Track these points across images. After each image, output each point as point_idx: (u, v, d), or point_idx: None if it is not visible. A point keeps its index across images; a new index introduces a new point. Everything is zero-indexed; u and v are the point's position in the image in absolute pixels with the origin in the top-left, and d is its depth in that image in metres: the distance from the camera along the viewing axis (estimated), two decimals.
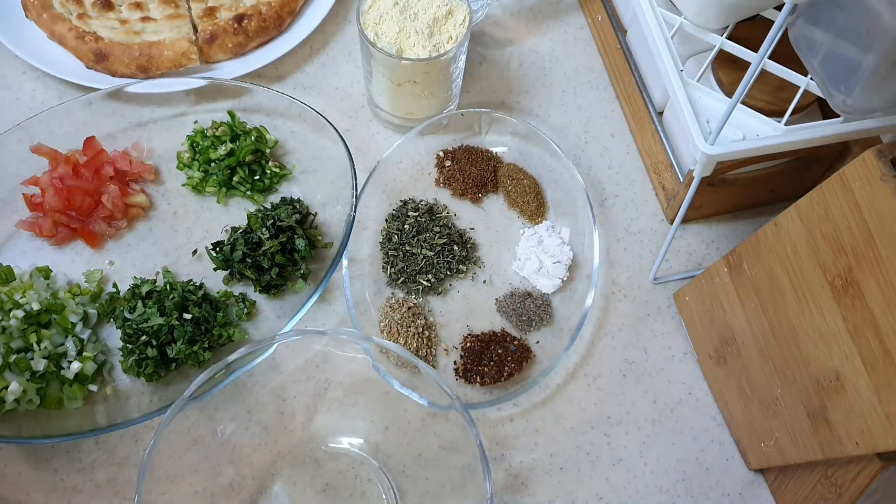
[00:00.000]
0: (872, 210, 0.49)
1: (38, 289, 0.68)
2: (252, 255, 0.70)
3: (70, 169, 0.73)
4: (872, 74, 0.54)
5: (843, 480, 0.57)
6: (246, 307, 0.71)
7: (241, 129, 0.77)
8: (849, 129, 0.62)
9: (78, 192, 0.72)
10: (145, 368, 0.66)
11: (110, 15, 0.81)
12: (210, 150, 0.76)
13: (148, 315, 0.67)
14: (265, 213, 0.72)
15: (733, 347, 0.66)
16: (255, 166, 0.76)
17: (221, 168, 0.75)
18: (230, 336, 0.69)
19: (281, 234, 0.70)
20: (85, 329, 0.68)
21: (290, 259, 0.71)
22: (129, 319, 0.68)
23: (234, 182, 0.76)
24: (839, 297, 0.53)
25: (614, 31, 0.83)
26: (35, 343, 0.64)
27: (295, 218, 0.71)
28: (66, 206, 0.72)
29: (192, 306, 0.68)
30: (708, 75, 0.69)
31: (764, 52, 0.53)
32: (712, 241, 0.78)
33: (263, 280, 0.71)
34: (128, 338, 0.67)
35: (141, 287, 0.70)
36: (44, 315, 0.67)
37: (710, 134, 0.61)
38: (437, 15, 0.72)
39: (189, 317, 0.67)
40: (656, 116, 0.78)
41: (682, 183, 0.75)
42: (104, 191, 0.73)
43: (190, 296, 0.69)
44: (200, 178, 0.76)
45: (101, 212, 0.73)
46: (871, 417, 0.52)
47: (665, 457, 0.69)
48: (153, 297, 0.69)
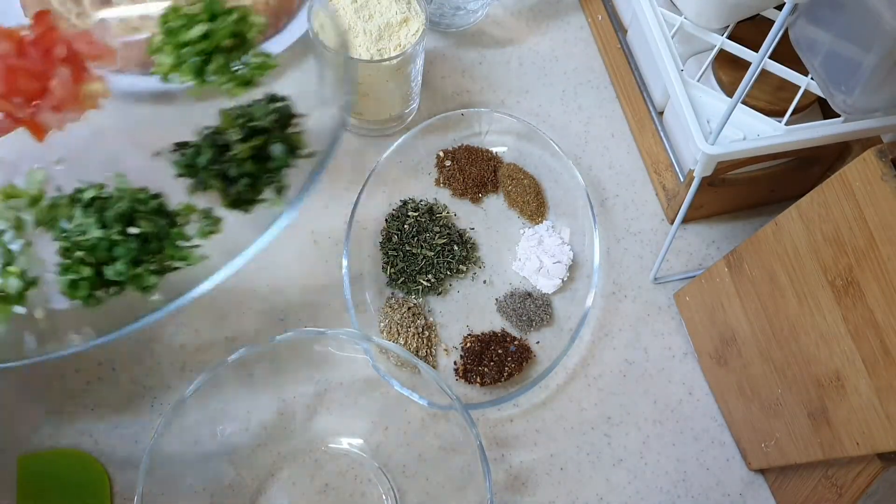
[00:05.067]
0: (873, 210, 0.49)
1: None
2: (220, 161, 0.60)
3: (14, 46, 0.62)
4: (873, 74, 0.54)
5: (843, 481, 0.57)
6: (209, 224, 0.60)
7: (221, 8, 0.65)
8: (849, 129, 0.62)
9: (22, 73, 0.61)
10: (79, 290, 0.57)
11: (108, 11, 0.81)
12: (182, 31, 0.64)
13: (85, 226, 0.57)
14: (239, 112, 0.62)
15: (734, 347, 0.66)
16: (235, 54, 0.65)
17: (196, 53, 0.64)
18: (185, 257, 0.58)
19: (254, 138, 0.60)
20: (17, 239, 0.58)
21: (264, 168, 0.61)
22: (66, 231, 0.57)
23: (210, 71, 0.64)
24: (840, 297, 0.53)
25: (614, 30, 0.83)
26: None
27: (271, 119, 0.61)
28: (7, 90, 0.61)
29: (142, 219, 0.58)
30: (708, 75, 0.69)
31: (764, 51, 0.53)
32: (713, 241, 0.78)
33: (231, 192, 0.61)
34: (65, 252, 0.57)
35: (84, 193, 0.59)
36: None
37: (711, 134, 0.61)
38: (392, 21, 0.72)
39: (136, 231, 0.57)
40: (657, 116, 0.78)
41: (683, 183, 0.75)
42: (55, 74, 0.62)
43: (140, 206, 0.58)
44: (171, 64, 0.65)
45: (50, 99, 0.62)
46: (871, 418, 0.52)
47: (665, 457, 0.68)
48: (97, 206, 0.58)
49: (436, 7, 0.82)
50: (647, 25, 0.67)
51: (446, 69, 0.84)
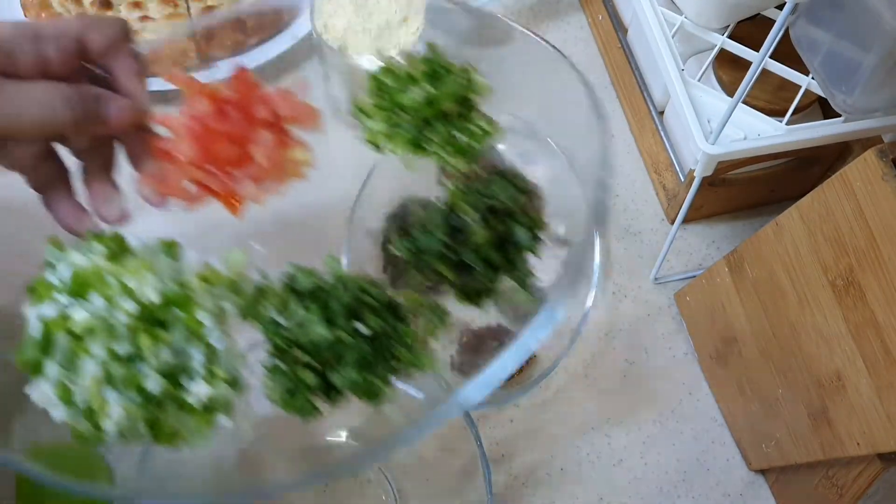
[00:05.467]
0: (874, 210, 0.49)
1: (159, 272, 0.48)
2: (453, 247, 0.52)
3: (213, 106, 0.52)
4: (873, 74, 0.53)
5: (844, 481, 0.57)
6: (437, 320, 0.52)
7: (445, 67, 0.57)
8: (850, 129, 0.62)
9: (222, 138, 0.52)
10: (297, 399, 0.48)
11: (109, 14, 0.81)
12: (400, 93, 0.56)
13: (307, 322, 0.47)
14: (472, 188, 0.54)
15: (734, 348, 0.65)
16: (457, 120, 0.56)
17: (414, 119, 0.55)
18: (419, 362, 0.49)
19: (495, 221, 0.53)
20: (219, 333, 0.49)
21: (506, 257, 0.53)
22: (282, 326, 0.48)
23: (428, 138, 0.56)
24: (840, 297, 0.53)
25: (615, 30, 0.83)
26: (149, 350, 0.45)
27: (514, 197, 0.53)
28: (203, 157, 0.52)
29: (369, 314, 0.49)
30: (709, 75, 0.69)
31: (765, 51, 0.53)
32: (713, 241, 0.78)
33: (465, 283, 0.53)
34: (278, 352, 0.48)
35: (299, 279, 0.50)
36: (163, 310, 0.47)
37: (711, 133, 0.61)
38: (391, 20, 0.71)
39: (365, 329, 0.48)
40: (657, 116, 0.78)
41: (683, 183, 0.74)
42: (255, 139, 0.53)
43: (366, 297, 0.49)
44: (385, 130, 0.56)
45: (250, 168, 0.53)
46: (872, 418, 0.52)
47: (666, 457, 0.68)
48: (315, 296, 0.49)
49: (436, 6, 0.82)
50: (648, 25, 0.67)
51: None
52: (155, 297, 0.45)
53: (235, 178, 0.51)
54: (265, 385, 0.48)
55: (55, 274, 0.45)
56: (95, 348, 0.43)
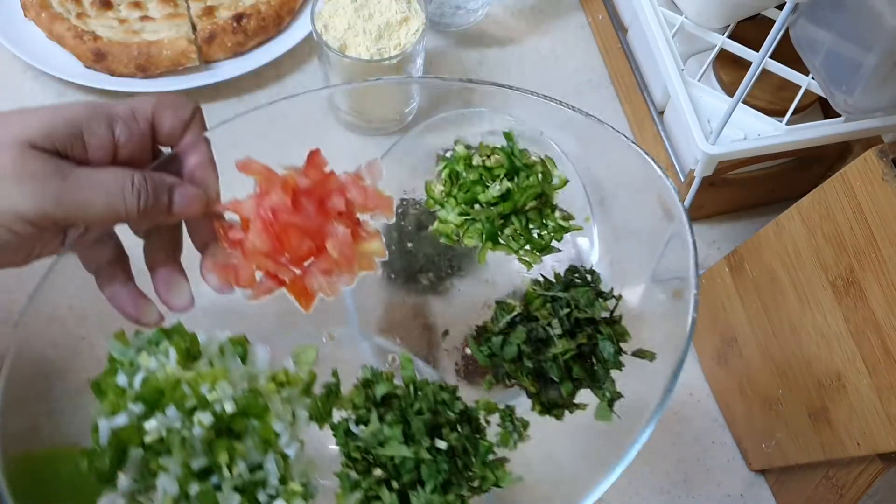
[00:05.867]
0: (874, 210, 0.49)
1: (233, 376, 0.44)
2: (534, 357, 0.49)
3: (287, 197, 0.49)
4: (873, 74, 0.53)
5: (844, 481, 0.57)
6: (516, 431, 0.50)
7: (524, 161, 0.55)
8: (850, 129, 0.62)
9: (295, 231, 0.49)
10: None
11: (109, 14, 0.81)
12: (478, 186, 0.54)
13: (387, 436, 0.45)
14: (552, 296, 0.51)
15: (734, 348, 0.65)
16: (533, 214, 0.54)
17: (492, 215, 0.53)
18: (499, 478, 0.47)
19: (579, 332, 0.50)
20: (292, 441, 0.44)
21: (589, 371, 0.50)
22: (358, 437, 0.46)
23: (506, 235, 0.54)
24: (840, 297, 0.53)
25: (615, 30, 0.83)
26: (226, 465, 0.41)
27: (598, 306, 0.50)
28: (277, 248, 0.49)
29: (446, 427, 0.46)
30: (709, 75, 0.69)
31: (765, 51, 0.53)
32: (713, 240, 0.78)
33: (547, 395, 0.50)
34: (352, 464, 0.46)
35: (375, 384, 0.48)
36: (239, 421, 0.43)
37: (712, 133, 0.61)
38: (392, 20, 0.71)
39: (443, 445, 0.45)
40: (657, 116, 0.78)
41: (683, 183, 0.74)
42: (330, 232, 0.49)
43: (443, 409, 0.47)
44: (459, 223, 0.54)
45: (324, 261, 0.50)
46: (872, 418, 0.52)
47: (666, 458, 0.68)
48: (393, 405, 0.47)
49: (436, 6, 0.82)
50: (648, 25, 0.67)
51: (446, 69, 0.84)
52: (231, 408, 0.42)
53: (307, 271, 0.49)
54: (340, 494, 0.45)
55: (124, 375, 0.42)
56: (170, 463, 0.41)
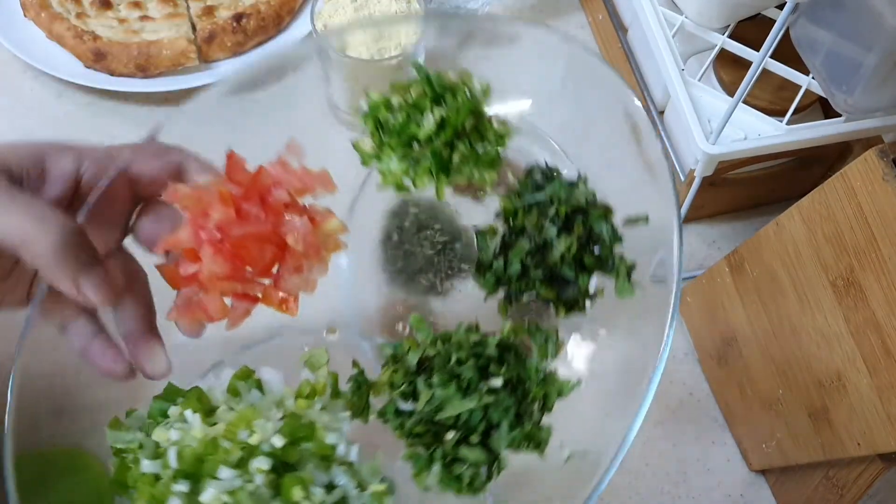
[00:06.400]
0: (874, 210, 0.49)
1: (263, 412, 0.42)
2: (542, 265, 0.49)
3: (230, 209, 0.44)
4: (874, 74, 0.53)
5: (844, 481, 0.57)
6: (549, 342, 0.50)
7: (445, 85, 0.52)
8: (850, 129, 0.62)
9: (252, 240, 0.44)
10: (473, 481, 0.44)
11: (109, 14, 0.81)
12: (410, 126, 0.51)
13: (442, 398, 0.44)
14: (533, 202, 0.51)
15: (734, 348, 0.65)
16: (473, 134, 0.52)
17: (437, 148, 0.50)
18: (560, 389, 0.48)
19: (573, 224, 0.50)
20: (349, 447, 0.42)
21: (597, 258, 0.50)
22: (412, 412, 0.45)
23: (455, 164, 0.52)
24: (841, 297, 0.53)
25: (615, 29, 0.83)
26: (303, 500, 0.39)
27: (576, 193, 0.50)
28: (237, 266, 0.45)
29: (493, 365, 0.46)
30: (709, 74, 0.69)
31: (765, 51, 0.53)
32: (713, 240, 0.78)
33: (567, 295, 0.50)
34: (418, 439, 0.45)
35: (404, 354, 0.47)
36: (291, 451, 0.40)
37: (712, 133, 0.61)
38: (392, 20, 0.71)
39: (499, 382, 0.44)
40: (657, 116, 0.78)
41: (684, 182, 0.74)
42: (286, 227, 0.45)
43: (481, 349, 0.46)
44: (404, 170, 0.52)
45: (291, 261, 0.46)
46: (872, 418, 0.52)
47: (666, 458, 0.68)
48: (432, 367, 0.46)
49: (436, 6, 0.82)
50: (648, 25, 0.67)
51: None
52: (280, 442, 0.39)
53: (278, 276, 0.46)
54: (417, 475, 0.44)
55: (147, 460, 0.40)
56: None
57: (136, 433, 0.42)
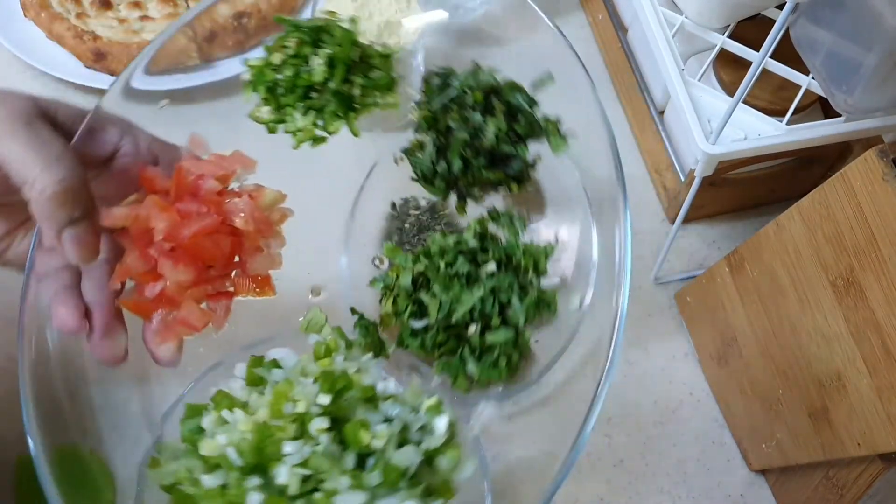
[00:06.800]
0: (874, 210, 0.49)
1: (297, 381, 0.42)
2: (482, 151, 0.52)
3: (173, 214, 0.43)
4: (874, 74, 0.53)
5: (844, 481, 0.57)
6: (517, 220, 0.56)
7: (317, 27, 0.52)
8: (850, 129, 0.62)
9: (205, 237, 0.44)
10: (509, 361, 0.50)
11: (109, 14, 0.81)
12: (301, 76, 0.50)
13: (452, 300, 0.47)
14: (448, 101, 0.53)
15: (735, 348, 0.65)
16: (361, 65, 0.53)
17: (339, 87, 0.50)
18: (545, 255, 0.54)
19: (494, 105, 0.52)
20: (385, 381, 0.44)
21: (527, 124, 0.53)
22: (426, 327, 0.48)
23: (358, 99, 0.53)
24: (841, 297, 0.53)
25: (615, 29, 0.83)
26: (372, 439, 0.40)
27: (483, 77, 0.53)
28: (201, 268, 0.44)
29: (480, 255, 0.50)
30: (709, 74, 0.69)
31: (765, 51, 0.53)
32: (714, 240, 0.78)
33: (513, 170, 0.53)
34: (442, 348, 0.49)
35: (396, 281, 0.50)
36: (338, 406, 0.41)
37: (712, 133, 0.60)
38: (392, 19, 0.71)
39: (492, 266, 0.49)
40: (657, 116, 0.78)
41: (684, 182, 0.74)
42: (229, 212, 0.45)
43: (463, 245, 0.51)
44: (313, 119, 0.52)
45: (248, 243, 0.46)
46: (872, 418, 0.51)
47: (666, 458, 0.68)
48: (429, 280, 0.49)
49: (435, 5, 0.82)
50: (648, 24, 0.67)
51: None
52: (327, 399, 0.41)
53: (242, 263, 0.46)
54: (456, 384, 0.48)
55: (205, 475, 0.40)
56: (335, 482, 0.39)
57: (179, 461, 0.42)
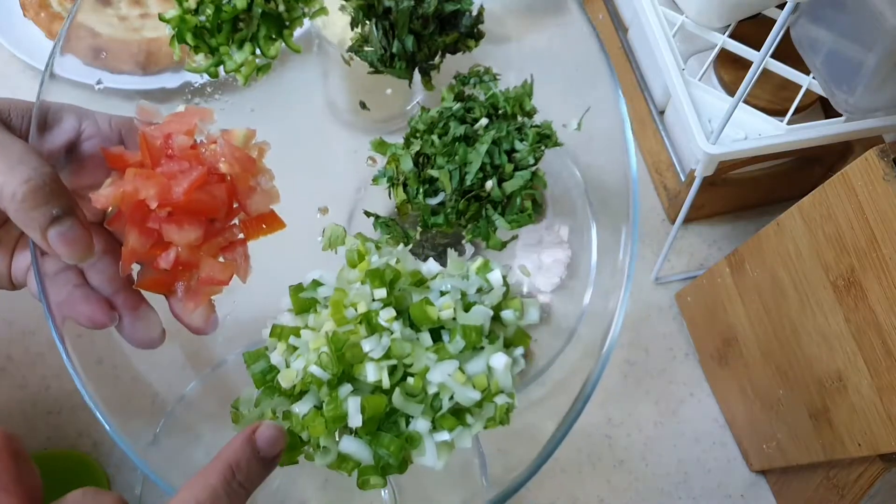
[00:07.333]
0: (875, 210, 0.49)
1: (348, 289, 0.45)
2: (429, 20, 0.56)
3: (163, 179, 0.43)
4: (874, 74, 0.53)
5: (845, 482, 0.57)
6: (487, 75, 0.61)
7: None
8: (851, 129, 0.62)
9: (199, 190, 0.43)
10: (535, 202, 0.53)
11: (108, 11, 0.81)
12: (224, 9, 0.50)
13: (460, 163, 0.49)
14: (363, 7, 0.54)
15: (735, 348, 0.65)
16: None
17: (261, 9, 0.51)
18: (528, 96, 0.58)
19: None
20: (427, 263, 0.48)
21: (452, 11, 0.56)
22: (445, 200, 0.51)
23: (285, 13, 0.54)
24: (841, 297, 0.53)
25: (615, 29, 0.83)
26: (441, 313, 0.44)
27: None
28: (204, 223, 0.44)
29: (468, 116, 0.53)
30: (710, 74, 0.69)
31: (766, 50, 0.53)
32: (714, 241, 0.77)
33: (465, 26, 0.59)
34: (467, 216, 0.52)
35: (397, 167, 0.52)
36: (394, 296, 0.44)
37: (712, 133, 0.60)
38: None
39: (485, 120, 0.52)
40: (657, 116, 0.78)
41: (684, 182, 0.74)
42: (213, 160, 0.44)
43: (448, 113, 0.53)
44: (250, 51, 0.53)
45: (241, 186, 0.45)
46: (873, 418, 0.51)
47: (667, 458, 0.68)
48: (427, 156, 0.51)
49: None
50: (648, 24, 0.67)
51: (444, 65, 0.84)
52: (382, 292, 0.43)
53: (243, 207, 0.46)
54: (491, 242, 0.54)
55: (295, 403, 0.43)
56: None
57: (262, 405, 0.44)
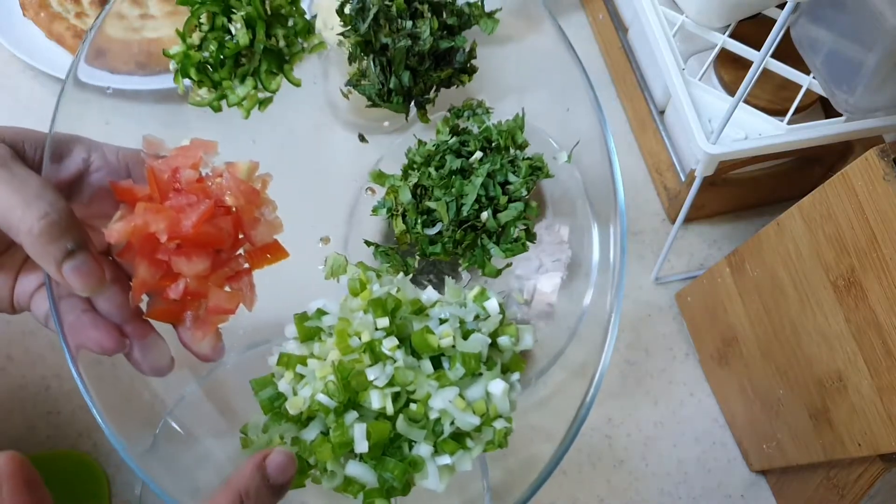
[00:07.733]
0: (875, 210, 0.49)
1: (354, 318, 0.46)
2: (424, 57, 0.57)
3: (171, 212, 0.44)
4: (875, 73, 0.53)
5: (845, 482, 0.57)
6: (480, 109, 0.63)
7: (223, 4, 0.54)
8: (851, 129, 0.62)
9: (206, 223, 0.44)
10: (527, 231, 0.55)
11: None
12: (227, 45, 0.52)
13: (456, 195, 0.51)
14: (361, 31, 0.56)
15: (735, 348, 0.65)
16: (278, 16, 0.56)
17: (262, 45, 0.53)
18: (520, 129, 0.59)
19: (417, 7, 0.56)
20: (425, 291, 0.50)
21: (458, 14, 0.59)
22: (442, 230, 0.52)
23: (284, 47, 0.56)
24: (842, 297, 0.53)
25: (615, 29, 0.83)
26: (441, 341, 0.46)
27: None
28: (212, 255, 0.45)
29: (462, 147, 0.55)
30: (710, 74, 0.69)
31: (766, 50, 0.53)
32: (714, 240, 0.77)
33: (459, 62, 0.60)
34: (464, 244, 0.52)
35: (396, 199, 0.54)
36: (395, 324, 0.46)
37: (712, 133, 0.60)
38: None
39: (479, 153, 0.54)
40: (658, 116, 0.78)
41: (684, 182, 0.74)
42: (219, 193, 0.45)
43: (444, 147, 0.55)
44: (252, 86, 0.55)
45: (244, 216, 0.46)
46: (873, 418, 0.51)
47: (667, 458, 0.68)
48: (424, 188, 0.52)
49: None
50: (649, 24, 0.67)
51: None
52: (384, 321, 0.45)
53: (248, 237, 0.47)
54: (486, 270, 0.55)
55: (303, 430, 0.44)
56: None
57: (270, 431, 0.45)
